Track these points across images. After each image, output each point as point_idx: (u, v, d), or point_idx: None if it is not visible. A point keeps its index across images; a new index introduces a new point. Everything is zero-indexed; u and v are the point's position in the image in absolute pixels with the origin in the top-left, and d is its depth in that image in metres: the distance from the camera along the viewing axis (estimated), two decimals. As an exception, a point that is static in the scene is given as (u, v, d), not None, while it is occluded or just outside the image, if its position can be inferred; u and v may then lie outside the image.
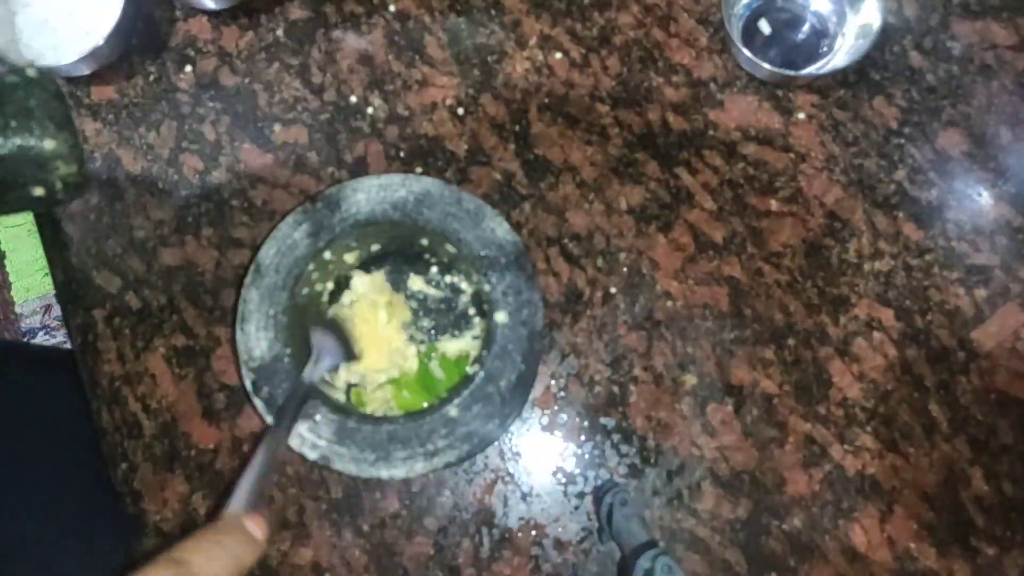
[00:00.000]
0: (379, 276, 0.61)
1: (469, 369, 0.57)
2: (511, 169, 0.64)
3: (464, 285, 0.61)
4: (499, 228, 0.57)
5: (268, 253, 0.58)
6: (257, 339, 0.57)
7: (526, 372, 0.54)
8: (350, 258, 0.61)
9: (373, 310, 0.59)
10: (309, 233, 0.58)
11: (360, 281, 0.61)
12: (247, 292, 0.58)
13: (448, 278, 0.61)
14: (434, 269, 0.61)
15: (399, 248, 0.61)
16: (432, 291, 0.61)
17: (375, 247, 0.61)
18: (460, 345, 0.59)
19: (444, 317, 0.61)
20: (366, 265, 0.62)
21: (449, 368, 0.59)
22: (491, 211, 0.57)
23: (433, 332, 0.60)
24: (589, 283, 0.61)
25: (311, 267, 0.58)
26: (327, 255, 0.59)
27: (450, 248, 0.58)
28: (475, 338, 0.59)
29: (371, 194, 0.58)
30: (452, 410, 0.54)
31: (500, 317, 0.56)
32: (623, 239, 0.62)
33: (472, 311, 0.60)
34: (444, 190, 0.58)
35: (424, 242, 0.60)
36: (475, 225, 0.57)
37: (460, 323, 0.60)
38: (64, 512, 0.64)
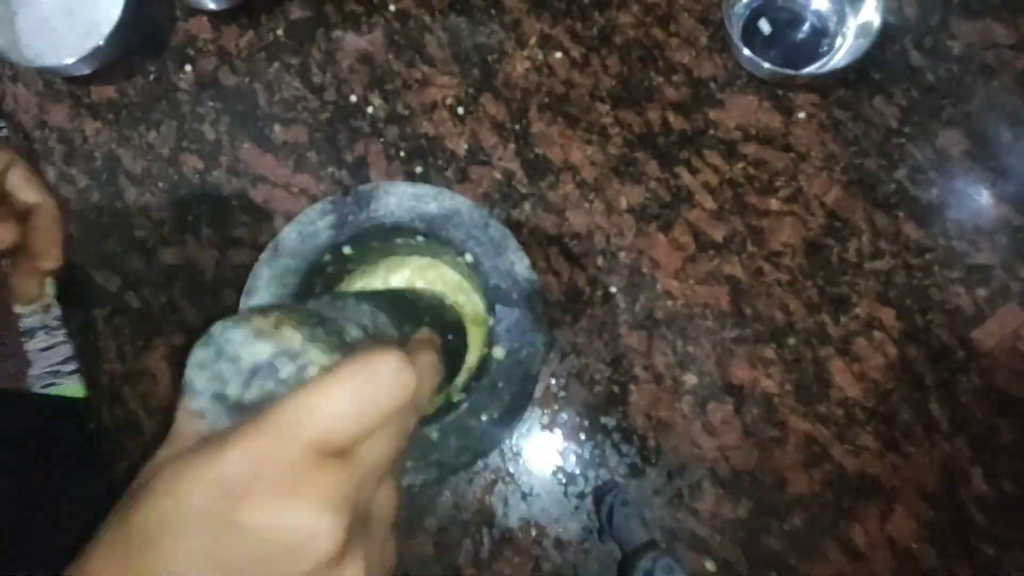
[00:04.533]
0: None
1: (455, 396, 0.57)
2: (511, 168, 0.64)
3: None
4: (519, 263, 0.56)
5: (290, 235, 0.58)
6: None
7: (511, 412, 0.53)
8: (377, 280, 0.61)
9: None
10: (333, 225, 0.58)
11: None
12: (259, 268, 0.57)
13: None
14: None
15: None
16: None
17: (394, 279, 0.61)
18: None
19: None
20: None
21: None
22: (515, 244, 0.56)
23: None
24: (589, 282, 0.61)
25: (327, 258, 0.58)
26: (346, 250, 0.59)
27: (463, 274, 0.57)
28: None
29: (403, 200, 0.58)
30: (433, 432, 0.53)
31: (497, 352, 0.55)
32: (623, 238, 0.62)
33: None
34: (474, 212, 0.57)
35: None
36: (496, 254, 0.56)
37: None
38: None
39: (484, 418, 0.54)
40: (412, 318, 0.36)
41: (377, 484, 0.22)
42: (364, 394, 0.20)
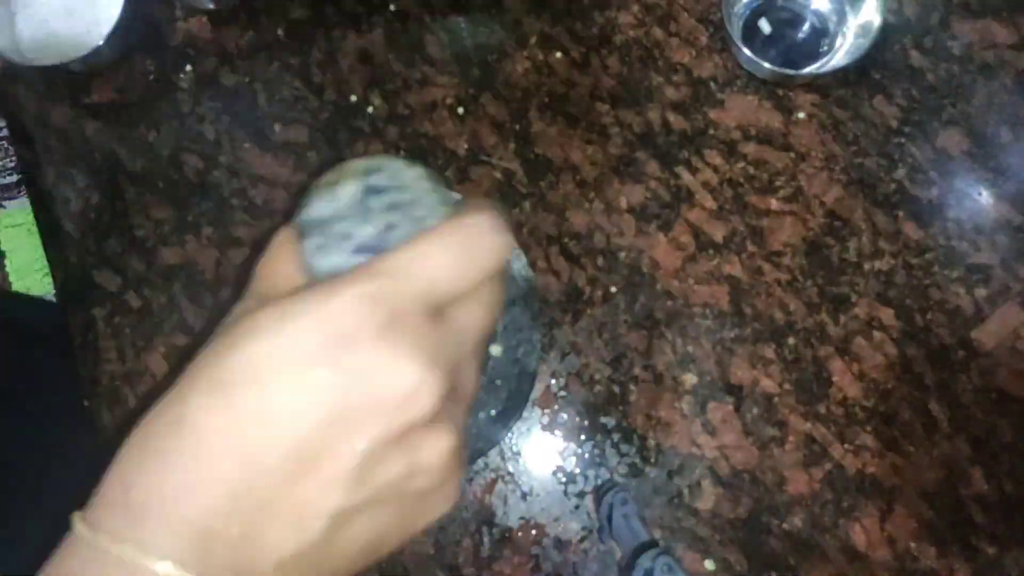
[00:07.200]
0: None
1: None
2: (511, 168, 0.64)
3: None
4: (516, 261, 0.56)
5: None
6: None
7: (508, 409, 0.53)
8: None
9: None
10: None
11: None
12: None
13: None
14: None
15: None
16: None
17: None
18: None
19: None
20: None
21: None
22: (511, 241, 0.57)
23: None
24: (589, 282, 0.61)
25: None
26: None
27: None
28: None
29: None
30: None
31: (494, 349, 0.55)
32: (623, 238, 0.62)
33: None
34: None
35: None
36: None
37: None
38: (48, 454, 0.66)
39: (481, 415, 0.54)
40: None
41: (468, 358, 0.21)
42: (468, 247, 0.20)
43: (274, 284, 0.22)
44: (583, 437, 0.59)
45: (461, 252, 0.19)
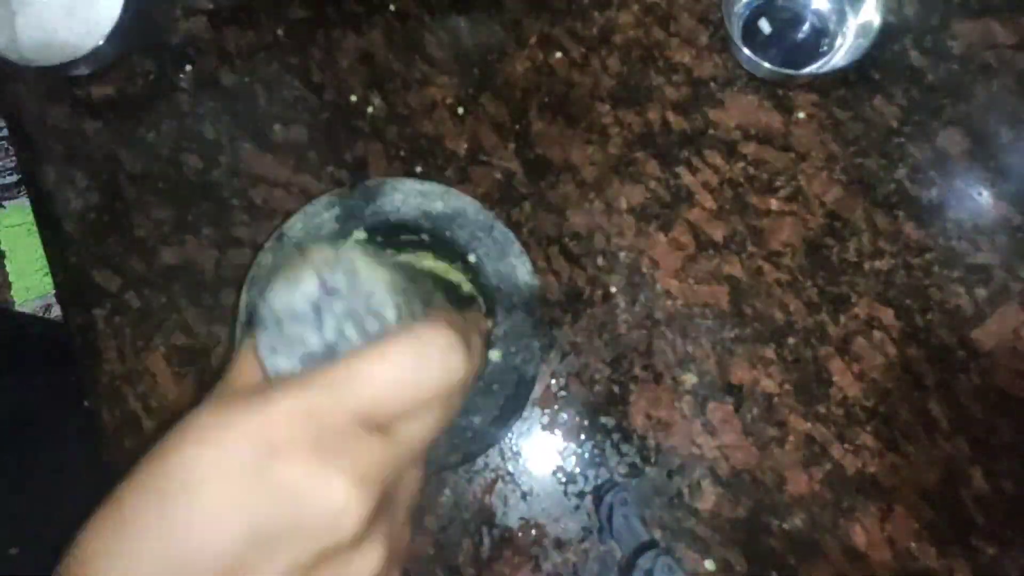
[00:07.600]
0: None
1: None
2: (511, 168, 0.64)
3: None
4: (521, 267, 0.56)
5: (294, 226, 0.58)
6: None
7: (505, 414, 0.53)
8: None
9: None
10: (338, 217, 0.57)
11: None
12: (263, 256, 0.57)
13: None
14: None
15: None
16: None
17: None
18: None
19: None
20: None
21: None
22: (518, 249, 0.56)
23: None
24: (589, 282, 0.61)
25: None
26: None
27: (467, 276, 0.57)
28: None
29: (409, 197, 0.57)
30: None
31: (493, 355, 0.55)
32: (623, 238, 0.62)
33: None
34: (480, 214, 0.57)
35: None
36: (499, 258, 0.56)
37: None
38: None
39: (477, 420, 0.54)
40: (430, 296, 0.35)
41: (408, 466, 0.21)
42: (417, 367, 0.19)
43: (238, 380, 0.22)
44: (583, 437, 0.59)
45: (408, 370, 0.19)
